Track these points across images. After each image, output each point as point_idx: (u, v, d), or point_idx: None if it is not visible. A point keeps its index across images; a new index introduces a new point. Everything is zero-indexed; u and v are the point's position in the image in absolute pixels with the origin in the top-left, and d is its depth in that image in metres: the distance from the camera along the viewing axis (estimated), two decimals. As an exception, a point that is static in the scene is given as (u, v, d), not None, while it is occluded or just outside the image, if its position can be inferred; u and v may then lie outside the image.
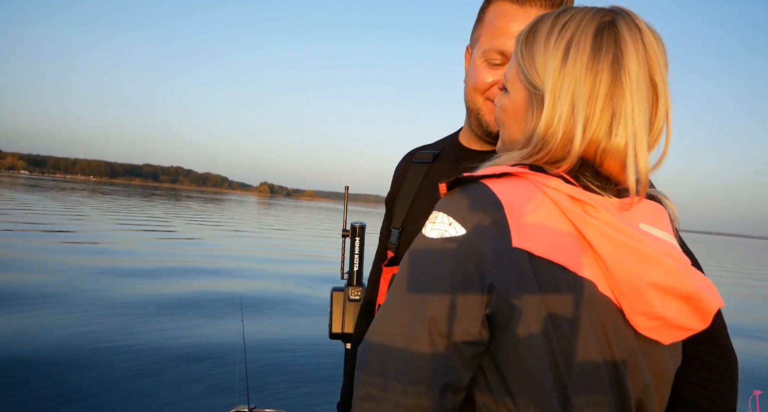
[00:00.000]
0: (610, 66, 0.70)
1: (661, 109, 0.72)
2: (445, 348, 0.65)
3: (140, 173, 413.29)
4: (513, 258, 0.65)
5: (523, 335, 0.65)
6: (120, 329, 5.26)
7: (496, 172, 0.70)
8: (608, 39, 0.70)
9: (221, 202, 65.15)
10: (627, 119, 0.70)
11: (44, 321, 5.28)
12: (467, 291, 0.65)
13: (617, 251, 0.66)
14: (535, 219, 0.67)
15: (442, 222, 0.69)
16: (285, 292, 8.25)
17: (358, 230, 1.71)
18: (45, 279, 7.34)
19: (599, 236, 0.66)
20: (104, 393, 3.68)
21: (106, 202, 32.84)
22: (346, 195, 1.87)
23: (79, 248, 11.07)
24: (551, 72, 0.72)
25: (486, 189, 0.68)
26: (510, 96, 0.80)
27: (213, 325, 5.78)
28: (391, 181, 1.34)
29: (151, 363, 4.36)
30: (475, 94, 1.08)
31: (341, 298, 1.64)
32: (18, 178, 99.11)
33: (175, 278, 8.43)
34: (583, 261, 0.67)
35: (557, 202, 0.68)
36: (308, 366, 4.64)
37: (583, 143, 0.70)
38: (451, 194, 0.72)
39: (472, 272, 0.65)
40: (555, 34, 0.73)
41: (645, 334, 0.70)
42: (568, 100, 0.71)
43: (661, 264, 0.66)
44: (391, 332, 0.67)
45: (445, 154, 1.22)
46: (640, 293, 0.67)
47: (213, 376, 4.20)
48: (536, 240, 0.66)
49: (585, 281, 0.67)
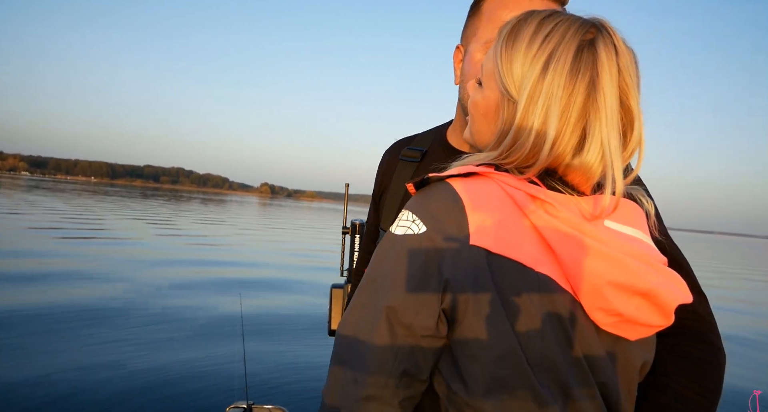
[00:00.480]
0: (586, 86, 0.71)
1: (636, 132, 0.74)
2: (403, 339, 0.68)
3: (141, 174, 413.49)
4: (470, 255, 0.67)
5: (478, 331, 0.67)
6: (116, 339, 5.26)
7: (462, 171, 0.72)
8: (587, 60, 0.72)
9: (232, 203, 65.16)
10: (602, 140, 0.71)
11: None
12: (425, 286, 0.68)
13: (574, 250, 0.68)
14: (494, 217, 0.69)
15: (407, 220, 0.72)
16: (285, 290, 8.25)
17: (358, 228, 1.71)
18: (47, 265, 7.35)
19: (556, 235, 0.68)
20: (101, 390, 3.68)
21: (140, 206, 32.84)
22: (346, 193, 1.87)
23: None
24: (528, 83, 0.73)
25: (449, 188, 0.71)
26: (483, 93, 0.80)
27: (212, 320, 5.80)
28: (376, 172, 1.30)
29: (151, 361, 4.37)
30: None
31: (341, 295, 1.63)
32: (19, 180, 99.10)
33: (176, 275, 8.44)
34: (542, 258, 0.69)
35: (517, 200, 0.70)
36: (307, 363, 4.65)
37: (549, 157, 0.72)
38: (418, 194, 0.75)
39: (430, 268, 0.68)
40: (537, 43, 0.74)
41: (607, 330, 0.71)
42: (542, 113, 0.72)
43: (618, 263, 0.68)
44: (355, 323, 0.71)
45: (433, 153, 1.18)
46: (598, 290, 0.68)
47: (212, 372, 4.21)
48: (494, 238, 0.68)
49: (542, 277, 0.68)
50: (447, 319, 0.69)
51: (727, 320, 8.97)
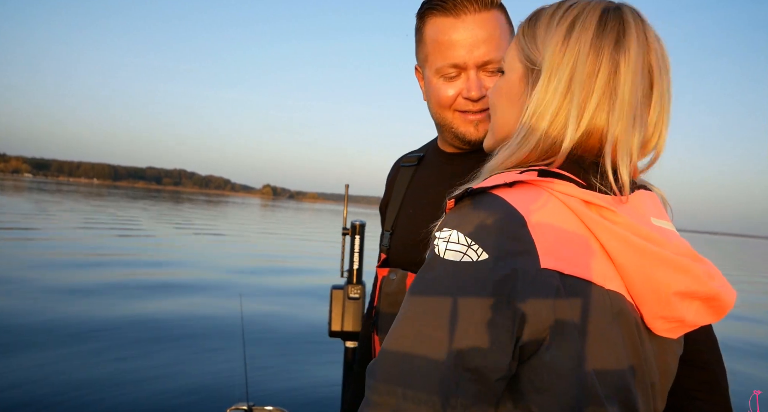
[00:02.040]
0: (613, 44, 0.67)
1: (655, 98, 0.69)
2: (467, 384, 0.59)
3: (143, 176, 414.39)
4: (543, 281, 0.60)
5: (553, 363, 0.61)
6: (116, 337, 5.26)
7: (507, 181, 0.64)
8: (614, 19, 0.68)
9: (229, 206, 65.24)
10: (625, 103, 0.66)
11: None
12: (496, 324, 0.59)
13: (640, 259, 0.63)
14: (558, 233, 0.62)
15: (458, 242, 0.62)
16: (285, 289, 8.25)
17: (358, 228, 1.70)
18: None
19: (620, 245, 0.63)
20: (101, 390, 3.68)
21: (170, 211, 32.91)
22: (346, 193, 1.86)
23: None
24: (552, 45, 0.68)
25: (503, 203, 0.63)
26: (506, 76, 0.77)
27: (212, 321, 5.79)
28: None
29: (151, 361, 4.36)
30: (441, 110, 1.07)
31: (341, 296, 1.63)
32: (22, 182, 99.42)
33: (176, 276, 8.45)
34: (609, 272, 0.64)
35: (574, 209, 0.63)
36: (307, 364, 4.65)
37: (579, 127, 0.66)
38: (462, 209, 0.65)
39: (499, 302, 0.59)
40: (561, 12, 0.70)
41: (660, 334, 0.69)
42: (566, 75, 0.67)
43: (683, 268, 0.64)
44: (410, 361, 0.61)
45: (427, 158, 1.23)
46: (664, 300, 0.64)
47: (212, 372, 4.20)
48: (563, 257, 0.61)
49: (613, 294, 0.63)
50: (518, 354, 0.61)
51: (727, 320, 8.94)
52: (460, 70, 1.03)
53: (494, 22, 1.01)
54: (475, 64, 1.01)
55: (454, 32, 1.01)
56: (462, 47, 1.00)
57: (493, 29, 1.01)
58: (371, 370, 0.64)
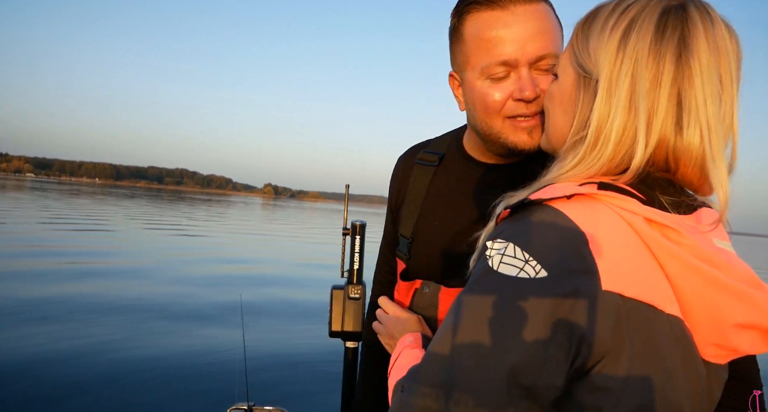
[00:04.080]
0: (675, 47, 0.61)
1: (726, 103, 0.63)
2: (519, 400, 0.57)
3: (145, 175, 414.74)
4: (604, 303, 0.57)
5: (610, 387, 0.58)
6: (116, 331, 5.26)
7: (567, 193, 0.61)
8: (675, 20, 0.62)
9: (228, 205, 65.29)
10: (699, 111, 0.61)
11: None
12: (553, 342, 0.57)
13: (702, 286, 0.60)
14: (620, 253, 0.59)
15: (515, 257, 0.59)
16: (286, 289, 8.25)
17: (358, 228, 1.70)
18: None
19: (682, 269, 0.60)
20: (102, 390, 3.68)
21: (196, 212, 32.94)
22: (346, 193, 1.86)
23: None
24: (607, 55, 0.63)
25: (563, 217, 0.59)
26: (558, 81, 0.73)
27: (213, 321, 5.80)
28: (390, 181, 1.29)
29: (151, 362, 4.36)
30: (490, 118, 0.96)
31: (341, 296, 1.63)
32: (25, 182, 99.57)
33: (176, 275, 8.45)
34: (669, 296, 0.61)
35: (636, 228, 0.60)
36: (308, 364, 4.65)
37: (649, 142, 0.61)
38: (518, 220, 0.61)
39: (557, 322, 0.57)
40: (615, 16, 0.65)
41: (707, 359, 0.66)
42: (626, 86, 0.62)
43: (746, 298, 0.60)
44: (460, 370, 0.59)
45: (450, 160, 1.13)
46: (722, 330, 0.62)
47: (213, 373, 4.21)
48: (625, 279, 0.58)
49: (673, 319, 0.61)
50: (573, 375, 0.59)
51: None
52: (509, 69, 0.92)
53: (544, 14, 0.92)
54: (528, 60, 0.90)
55: (503, 26, 0.90)
56: (513, 42, 0.90)
57: (546, 21, 0.91)
58: (414, 373, 0.62)
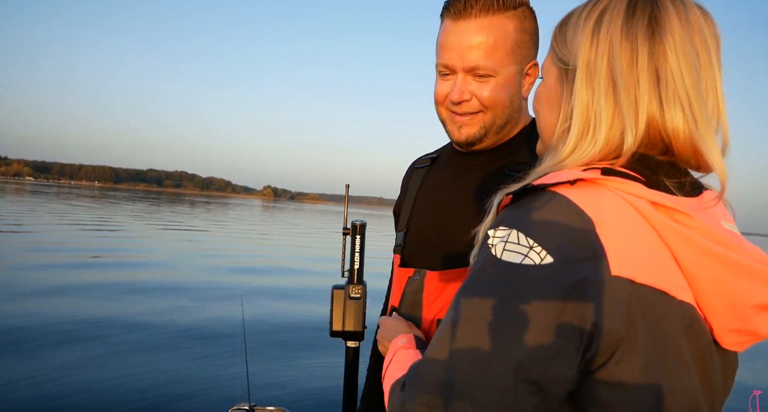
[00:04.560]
0: (647, 26, 0.61)
1: (708, 82, 0.62)
2: (526, 396, 0.55)
3: (144, 178, 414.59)
4: (613, 289, 0.55)
5: (621, 379, 0.56)
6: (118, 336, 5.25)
7: (570, 178, 0.59)
8: (644, 2, 0.63)
9: (224, 207, 65.28)
10: (677, 84, 0.60)
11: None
12: (562, 332, 0.55)
13: (717, 270, 0.58)
14: (628, 238, 0.57)
15: (519, 243, 0.57)
16: (286, 291, 8.25)
17: (358, 228, 1.70)
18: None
19: (695, 252, 0.58)
20: (102, 391, 3.68)
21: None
22: (346, 193, 1.86)
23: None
24: (583, 43, 0.64)
25: (568, 202, 0.58)
26: (543, 81, 0.74)
27: (214, 322, 5.80)
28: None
29: (152, 363, 4.36)
30: (436, 106, 1.13)
31: (342, 296, 1.63)
32: (25, 185, 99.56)
33: (176, 276, 8.44)
34: (680, 282, 0.59)
35: (642, 212, 0.58)
36: (309, 364, 4.65)
37: (638, 123, 0.60)
38: (521, 207, 0.60)
39: (567, 310, 0.55)
40: (588, 8, 0.66)
41: (727, 347, 0.64)
42: (604, 69, 0.62)
43: (764, 278, 0.59)
44: (460, 370, 0.57)
45: (441, 158, 1.26)
46: (741, 312, 0.60)
47: (214, 373, 4.21)
48: (635, 264, 0.57)
49: (685, 306, 0.59)
50: (583, 367, 0.57)
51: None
52: (450, 72, 1.07)
53: (494, 29, 1.02)
54: (462, 68, 1.04)
55: (450, 35, 1.04)
56: (452, 50, 1.04)
57: (490, 35, 1.02)
58: (412, 378, 0.60)
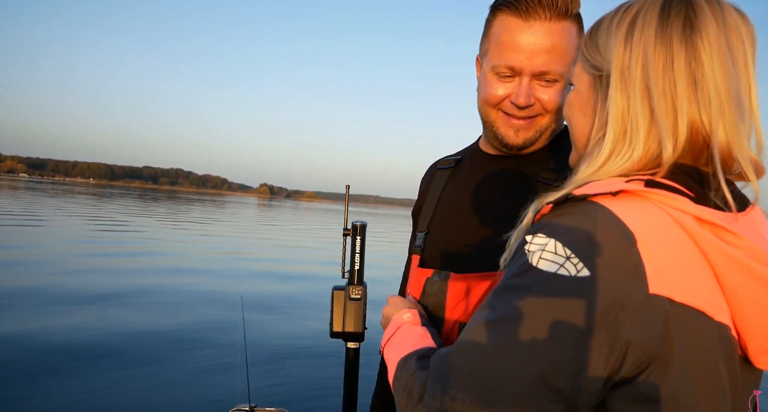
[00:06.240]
0: (681, 30, 0.59)
1: (744, 86, 0.60)
2: (549, 401, 0.55)
3: (140, 175, 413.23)
4: (650, 308, 0.54)
5: (652, 396, 0.55)
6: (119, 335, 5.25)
7: (612, 189, 0.57)
8: (678, 4, 0.61)
9: (219, 206, 65.11)
10: (710, 87, 0.58)
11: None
12: (591, 346, 0.54)
13: (761, 293, 0.56)
14: (669, 255, 0.55)
15: (556, 253, 0.56)
16: (286, 291, 8.25)
17: (359, 229, 1.70)
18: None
19: (739, 273, 0.56)
20: (103, 392, 3.68)
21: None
22: (347, 194, 1.86)
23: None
24: (615, 48, 0.62)
25: (609, 215, 0.56)
26: (575, 88, 0.72)
27: (214, 323, 5.80)
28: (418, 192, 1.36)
29: (152, 363, 4.36)
30: (487, 107, 1.08)
31: (342, 297, 1.63)
32: (19, 182, 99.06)
33: (175, 276, 8.43)
34: (719, 302, 0.57)
35: (686, 228, 0.56)
36: (309, 365, 4.66)
37: (678, 131, 0.58)
38: (561, 216, 0.58)
39: (599, 325, 0.54)
40: (620, 14, 0.65)
41: (760, 367, 0.63)
42: (639, 75, 0.60)
43: None
44: (485, 368, 0.57)
45: (466, 160, 1.23)
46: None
47: (214, 374, 4.21)
48: (674, 283, 0.55)
49: (722, 327, 0.57)
50: (611, 382, 0.56)
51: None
52: (514, 73, 1.02)
53: (562, 34, 1.00)
54: (531, 71, 1.01)
55: (520, 35, 1.00)
56: (522, 52, 1.00)
57: (560, 41, 1.00)
58: (441, 370, 0.61)
